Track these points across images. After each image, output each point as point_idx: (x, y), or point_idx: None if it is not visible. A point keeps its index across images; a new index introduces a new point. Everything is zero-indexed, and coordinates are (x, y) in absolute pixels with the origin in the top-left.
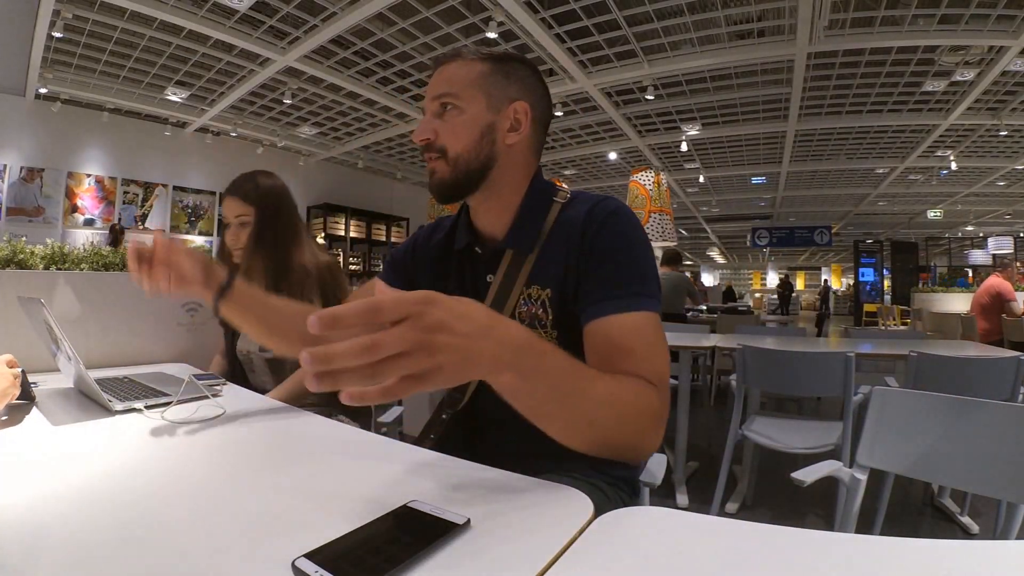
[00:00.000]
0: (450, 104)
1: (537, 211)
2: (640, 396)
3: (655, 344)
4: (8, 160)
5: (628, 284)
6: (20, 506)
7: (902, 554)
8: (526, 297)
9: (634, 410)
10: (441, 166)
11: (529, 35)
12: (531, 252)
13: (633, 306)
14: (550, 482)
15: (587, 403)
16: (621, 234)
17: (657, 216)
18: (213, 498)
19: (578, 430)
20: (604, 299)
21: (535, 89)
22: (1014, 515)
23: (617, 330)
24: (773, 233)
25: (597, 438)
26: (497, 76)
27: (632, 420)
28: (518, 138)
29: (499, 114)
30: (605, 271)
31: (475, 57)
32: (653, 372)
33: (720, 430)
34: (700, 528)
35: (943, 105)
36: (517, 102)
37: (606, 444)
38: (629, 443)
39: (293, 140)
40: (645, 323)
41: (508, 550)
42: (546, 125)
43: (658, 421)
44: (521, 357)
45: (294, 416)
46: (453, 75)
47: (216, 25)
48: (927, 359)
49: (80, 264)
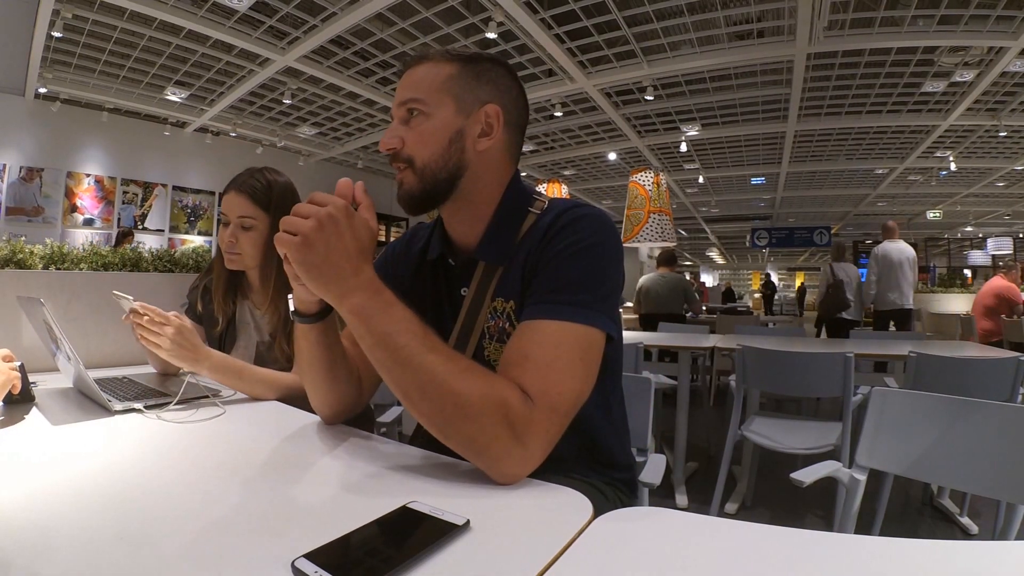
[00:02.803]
0: (416, 110)
1: (510, 222)
2: (493, 399)
3: (560, 359)
4: (7, 160)
5: (562, 291)
6: (20, 505)
7: (902, 554)
8: (492, 311)
9: (478, 409)
10: (408, 176)
11: (529, 35)
12: (502, 264)
13: (562, 315)
14: (549, 483)
15: (420, 369)
16: (575, 240)
17: (656, 216)
18: (212, 498)
19: (409, 396)
20: (536, 302)
21: (508, 90)
22: (1013, 515)
23: (526, 335)
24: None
25: (432, 416)
26: (466, 78)
27: (475, 418)
28: (489, 143)
29: (469, 118)
30: (547, 274)
31: (443, 58)
32: (537, 386)
33: (719, 431)
34: (699, 528)
35: (943, 106)
36: (488, 105)
37: (446, 429)
38: (474, 443)
39: (293, 140)
40: (568, 337)
41: (508, 551)
42: (522, 128)
43: (516, 438)
44: (368, 296)
45: (293, 416)
46: (420, 79)
47: (216, 25)
48: (927, 359)
49: (79, 264)
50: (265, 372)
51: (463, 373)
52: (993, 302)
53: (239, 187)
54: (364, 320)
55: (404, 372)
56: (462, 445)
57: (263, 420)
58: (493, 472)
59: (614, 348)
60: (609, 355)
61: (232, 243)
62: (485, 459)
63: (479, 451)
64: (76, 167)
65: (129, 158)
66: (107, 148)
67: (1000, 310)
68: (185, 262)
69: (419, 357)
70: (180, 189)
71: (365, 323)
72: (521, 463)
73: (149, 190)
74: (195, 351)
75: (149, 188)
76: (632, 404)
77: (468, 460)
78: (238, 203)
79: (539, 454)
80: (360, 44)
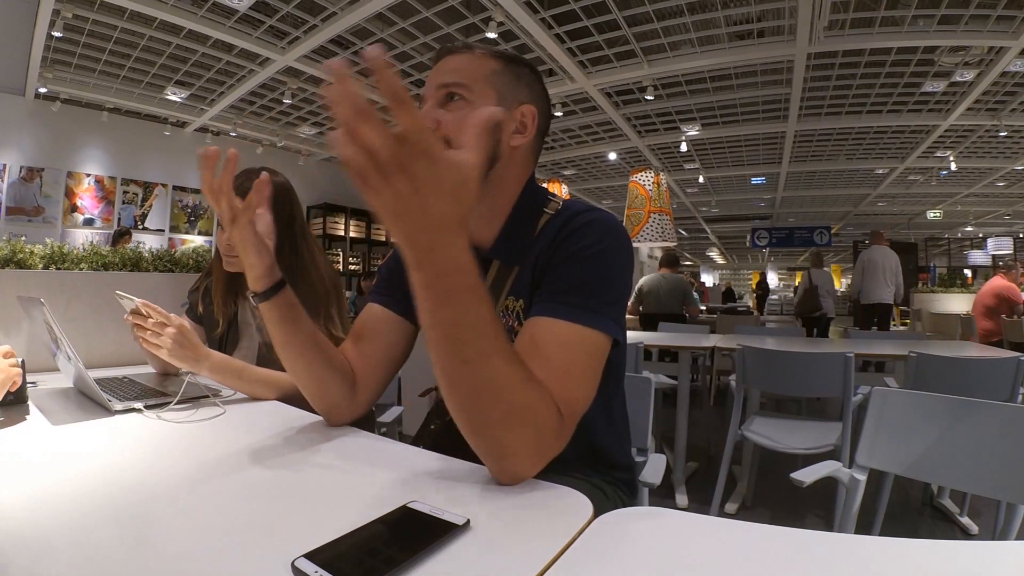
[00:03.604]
0: (458, 95)
1: (526, 221)
2: (541, 413)
3: (578, 365)
4: (7, 160)
5: (576, 293)
6: (20, 505)
7: (902, 554)
8: (504, 309)
9: (521, 420)
10: None
11: (529, 35)
12: (516, 265)
13: (572, 316)
14: (549, 483)
15: (480, 371)
16: (589, 244)
17: (657, 216)
18: (213, 498)
19: (458, 391)
20: (546, 301)
21: (542, 96)
22: (1013, 515)
23: (544, 333)
24: (773, 233)
25: (474, 416)
26: (508, 76)
27: (515, 428)
28: (522, 141)
29: (507, 114)
30: (559, 275)
31: (488, 53)
32: (560, 395)
33: (720, 430)
34: (699, 528)
35: (943, 106)
36: (525, 105)
37: (482, 431)
38: (504, 448)
39: (293, 140)
40: (579, 340)
41: (508, 550)
42: (545, 134)
43: (545, 448)
44: (453, 269)
45: (293, 416)
46: (463, 66)
47: (216, 25)
48: (927, 359)
49: (79, 264)
50: (265, 372)
51: (522, 384)
52: (993, 302)
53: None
54: (435, 296)
55: (462, 368)
56: (489, 447)
57: (263, 420)
58: (504, 474)
59: (619, 352)
60: (614, 359)
61: (231, 246)
62: (504, 463)
63: (504, 455)
64: (76, 167)
65: (129, 158)
66: (107, 148)
67: (1000, 310)
68: (185, 262)
69: (484, 359)
70: (180, 189)
71: (435, 300)
72: (532, 468)
73: (149, 190)
74: (195, 351)
75: (149, 188)
76: (632, 404)
77: (481, 458)
78: None
79: (550, 459)
80: (360, 44)
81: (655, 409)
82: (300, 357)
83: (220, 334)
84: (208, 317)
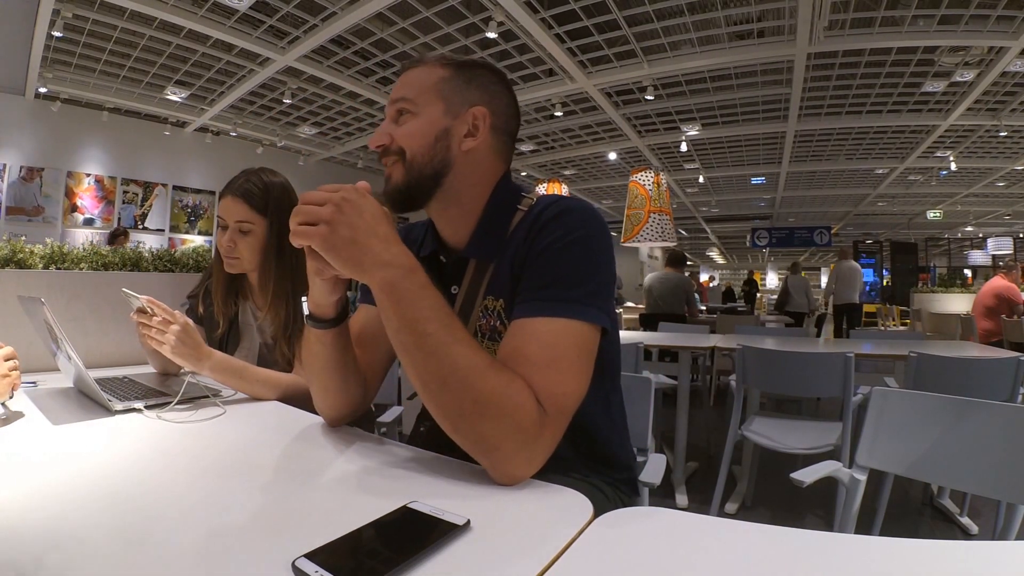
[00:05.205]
0: (405, 110)
1: (500, 219)
2: (512, 400)
3: (564, 359)
4: (8, 160)
5: (552, 286)
6: (20, 505)
7: (901, 554)
8: (483, 309)
9: (495, 409)
10: (398, 170)
11: (529, 35)
12: (492, 261)
13: (553, 311)
14: (549, 483)
15: (445, 360)
16: (560, 235)
17: (657, 216)
18: (213, 498)
19: (428, 386)
20: (526, 300)
21: (498, 96)
22: (1013, 515)
23: (526, 334)
24: (773, 233)
25: (449, 409)
26: (457, 81)
27: (491, 418)
28: (474, 144)
29: (456, 119)
30: (535, 271)
31: (437, 63)
32: (543, 388)
33: (720, 430)
34: (699, 528)
35: (943, 106)
36: (475, 107)
37: (459, 424)
38: (485, 441)
39: (293, 140)
40: (563, 334)
41: (508, 550)
42: (512, 134)
43: (527, 441)
44: (402, 274)
45: (294, 417)
46: (412, 81)
47: (216, 25)
48: (927, 360)
49: (80, 264)
50: (266, 372)
51: (487, 370)
52: (993, 302)
53: (235, 192)
54: (395, 300)
55: (428, 361)
56: (471, 441)
57: (263, 420)
58: (497, 472)
59: (609, 342)
60: (605, 349)
61: (231, 247)
62: (492, 458)
63: (488, 450)
64: (76, 167)
65: (129, 158)
66: (107, 148)
67: (1000, 310)
68: (185, 262)
69: (445, 348)
70: (180, 189)
71: (395, 303)
72: (526, 465)
73: (149, 190)
74: (197, 349)
75: (149, 188)
76: (632, 404)
77: (472, 456)
78: (235, 208)
79: (543, 457)
80: (360, 44)
81: (655, 409)
82: (339, 378)
83: (221, 335)
84: (209, 318)
